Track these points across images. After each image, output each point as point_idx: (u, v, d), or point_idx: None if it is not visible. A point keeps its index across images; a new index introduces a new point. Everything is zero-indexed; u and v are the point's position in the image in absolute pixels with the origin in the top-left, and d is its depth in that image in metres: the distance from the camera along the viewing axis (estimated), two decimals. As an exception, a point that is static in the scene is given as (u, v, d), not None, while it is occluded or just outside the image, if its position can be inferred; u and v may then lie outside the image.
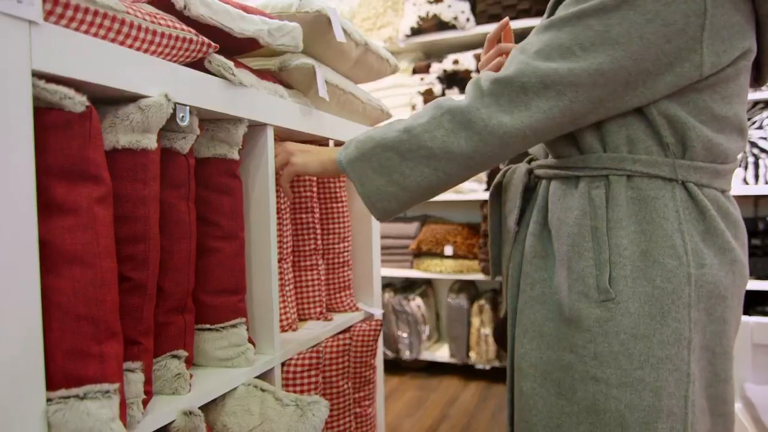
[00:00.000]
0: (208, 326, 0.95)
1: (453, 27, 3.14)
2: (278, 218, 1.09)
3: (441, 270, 3.21)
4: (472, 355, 3.20)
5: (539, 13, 2.99)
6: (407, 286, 3.59)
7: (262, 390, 0.92)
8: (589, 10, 0.77)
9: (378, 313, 1.44)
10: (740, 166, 2.68)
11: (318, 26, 1.15)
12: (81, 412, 0.61)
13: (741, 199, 2.92)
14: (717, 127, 0.81)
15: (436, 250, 3.21)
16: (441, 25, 3.16)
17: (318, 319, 1.26)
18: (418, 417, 2.78)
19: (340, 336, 1.22)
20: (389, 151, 0.87)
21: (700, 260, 0.79)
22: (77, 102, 0.63)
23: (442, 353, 3.34)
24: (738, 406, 1.89)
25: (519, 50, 0.84)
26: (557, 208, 0.88)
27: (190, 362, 0.89)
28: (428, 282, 3.65)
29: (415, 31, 3.22)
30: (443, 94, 3.22)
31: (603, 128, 0.83)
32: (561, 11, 0.82)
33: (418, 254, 3.32)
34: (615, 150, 0.83)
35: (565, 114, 0.80)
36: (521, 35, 3.25)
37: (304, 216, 1.25)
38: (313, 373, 1.07)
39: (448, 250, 3.18)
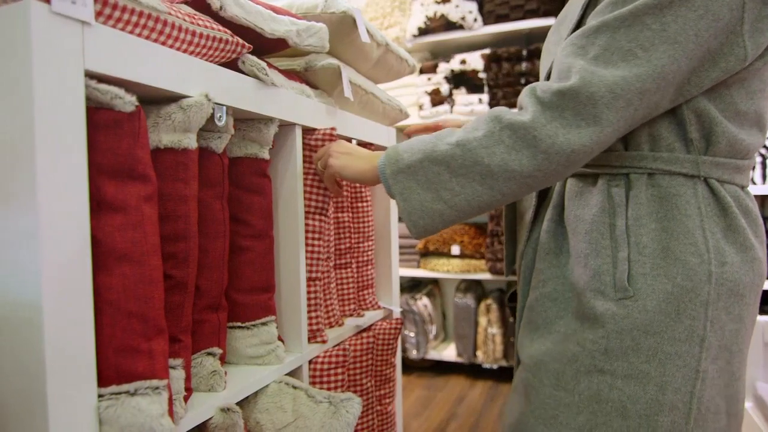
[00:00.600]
0: (239, 324, 0.96)
1: (460, 27, 3.15)
2: (325, 219, 1.09)
3: (448, 269, 3.22)
4: (479, 354, 3.21)
5: (547, 14, 3.00)
6: (414, 286, 3.59)
7: (294, 387, 0.93)
8: (643, 7, 0.73)
9: (397, 311, 1.45)
10: (747, 166, 2.70)
11: (343, 27, 1.16)
12: (132, 407, 0.62)
13: (747, 199, 2.94)
14: (739, 122, 0.81)
15: (443, 249, 3.22)
16: (448, 25, 3.17)
17: (351, 315, 1.28)
18: (425, 416, 2.78)
19: (364, 334, 1.22)
20: (439, 165, 0.80)
21: (722, 258, 0.79)
22: (127, 102, 0.64)
23: (449, 352, 3.35)
24: (749, 405, 1.90)
25: (571, 54, 0.78)
26: (574, 205, 0.87)
27: (222, 360, 0.90)
28: (435, 281, 3.66)
29: (423, 31, 3.23)
30: (450, 95, 3.23)
31: None
32: (604, 10, 0.78)
33: (425, 254, 3.33)
34: (636, 148, 0.83)
35: (628, 124, 0.77)
36: (529, 36, 3.27)
37: (340, 215, 1.26)
38: (339, 371, 1.08)
39: (455, 249, 3.19)
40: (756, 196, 2.94)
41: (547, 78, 0.91)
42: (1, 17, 0.56)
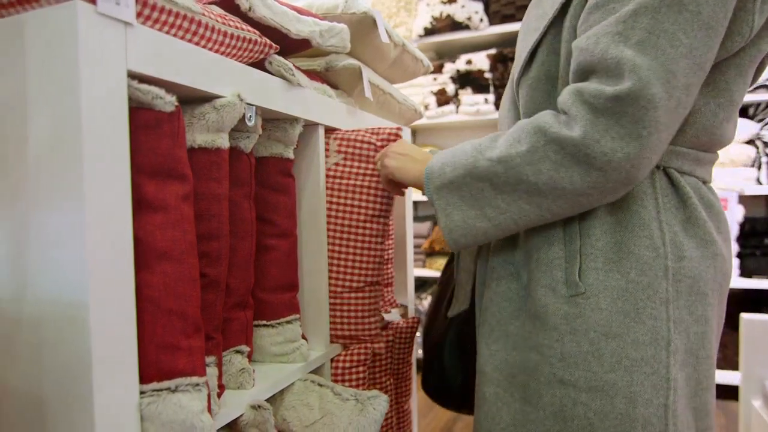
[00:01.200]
0: (264, 322, 0.96)
1: (466, 27, 3.16)
2: (386, 222, 1.09)
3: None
4: (485, 353, 3.22)
5: (553, 14, 3.01)
6: (419, 286, 3.60)
7: (320, 385, 0.94)
8: None
9: (412, 309, 1.46)
10: (753, 165, 2.71)
11: (362, 27, 1.17)
12: (174, 404, 0.62)
13: (754, 199, 2.95)
14: (729, 111, 0.75)
15: (448, 249, 3.23)
16: (454, 26, 3.18)
17: (385, 310, 1.30)
18: (431, 417, 2.79)
19: (383, 332, 1.23)
20: (482, 181, 0.74)
21: (680, 252, 0.72)
22: (167, 102, 0.65)
23: (454, 352, 3.36)
24: (758, 404, 1.91)
25: (612, 44, 0.66)
26: None
27: (249, 357, 0.91)
28: (439, 281, 3.67)
29: (429, 31, 3.24)
30: (456, 95, 3.24)
31: None
32: None
33: (431, 253, 3.34)
34: None
35: (676, 126, 0.68)
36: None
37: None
38: (361, 369, 1.09)
39: (461, 249, 3.20)
40: (761, 196, 2.95)
41: (528, 63, 0.81)
42: (48, 17, 0.57)
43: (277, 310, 0.97)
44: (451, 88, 3.24)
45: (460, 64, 3.20)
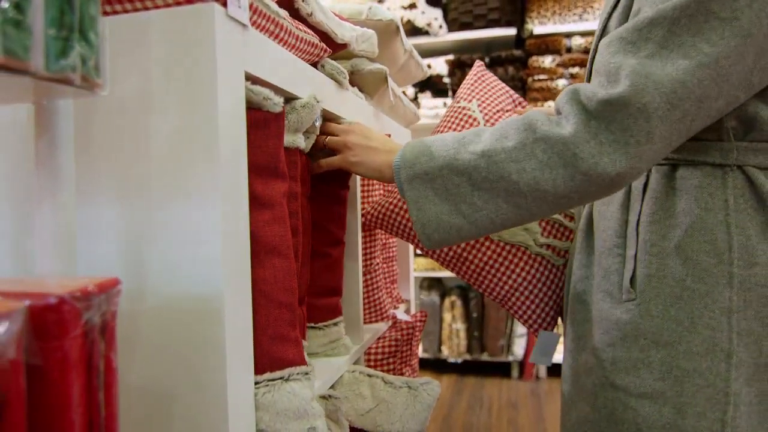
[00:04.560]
0: (311, 325, 0.99)
1: (426, 33, 3.26)
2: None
3: (414, 268, 3.32)
4: (444, 349, 3.32)
5: (509, 23, 3.17)
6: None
7: (369, 375, 0.98)
8: None
9: (414, 305, 1.52)
10: None
11: (386, 34, 1.22)
12: (287, 392, 0.65)
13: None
14: None
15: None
16: (414, 31, 3.27)
17: (394, 307, 1.34)
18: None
19: (399, 326, 1.28)
20: (460, 176, 0.72)
21: (751, 258, 0.68)
22: (276, 103, 0.67)
23: (413, 348, 3.45)
24: None
25: (620, 51, 0.66)
26: (599, 201, 0.83)
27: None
28: (396, 280, 3.74)
29: (389, 36, 3.31)
30: (416, 98, 3.33)
31: None
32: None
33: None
34: None
35: (682, 137, 0.66)
36: (489, 44, 3.42)
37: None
38: (391, 360, 1.14)
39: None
40: None
41: (588, 78, 0.82)
42: (181, 17, 0.58)
43: (325, 314, 0.99)
44: (410, 92, 3.33)
45: (420, 68, 3.29)
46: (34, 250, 0.57)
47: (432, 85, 3.31)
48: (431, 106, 3.26)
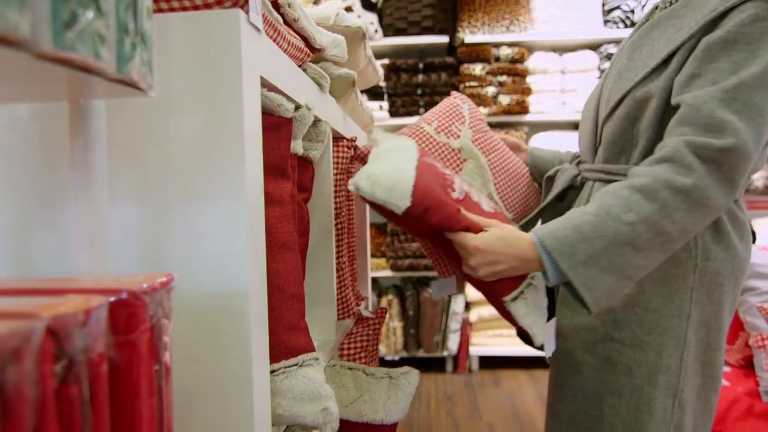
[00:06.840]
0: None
1: (362, 38, 3.32)
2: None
3: (352, 268, 3.37)
4: (382, 347, 3.39)
5: (442, 31, 3.29)
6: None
7: (350, 369, 1.02)
8: None
9: (372, 301, 1.57)
10: None
11: (353, 40, 1.26)
12: (303, 377, 0.69)
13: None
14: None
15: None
16: (350, 35, 3.31)
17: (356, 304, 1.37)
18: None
19: (366, 323, 1.33)
20: (623, 246, 0.85)
21: (707, 254, 0.96)
22: (288, 108, 0.71)
23: (351, 348, 3.49)
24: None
25: (716, 108, 0.84)
26: None
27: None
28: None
29: (325, 39, 3.34)
30: (352, 101, 3.38)
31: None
32: (718, 52, 0.86)
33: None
34: None
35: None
36: (423, 50, 3.53)
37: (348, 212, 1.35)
38: (362, 354, 1.18)
39: (358, 249, 3.34)
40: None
41: (617, 106, 0.98)
42: (204, 21, 0.61)
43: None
44: (347, 95, 3.37)
45: (356, 72, 3.34)
46: (65, 250, 0.57)
47: (369, 89, 3.37)
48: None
